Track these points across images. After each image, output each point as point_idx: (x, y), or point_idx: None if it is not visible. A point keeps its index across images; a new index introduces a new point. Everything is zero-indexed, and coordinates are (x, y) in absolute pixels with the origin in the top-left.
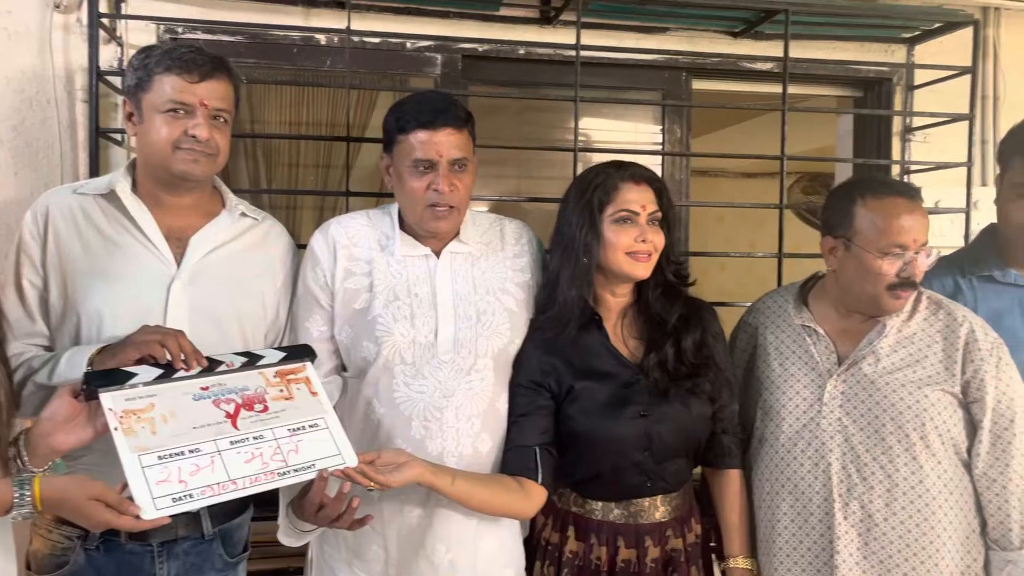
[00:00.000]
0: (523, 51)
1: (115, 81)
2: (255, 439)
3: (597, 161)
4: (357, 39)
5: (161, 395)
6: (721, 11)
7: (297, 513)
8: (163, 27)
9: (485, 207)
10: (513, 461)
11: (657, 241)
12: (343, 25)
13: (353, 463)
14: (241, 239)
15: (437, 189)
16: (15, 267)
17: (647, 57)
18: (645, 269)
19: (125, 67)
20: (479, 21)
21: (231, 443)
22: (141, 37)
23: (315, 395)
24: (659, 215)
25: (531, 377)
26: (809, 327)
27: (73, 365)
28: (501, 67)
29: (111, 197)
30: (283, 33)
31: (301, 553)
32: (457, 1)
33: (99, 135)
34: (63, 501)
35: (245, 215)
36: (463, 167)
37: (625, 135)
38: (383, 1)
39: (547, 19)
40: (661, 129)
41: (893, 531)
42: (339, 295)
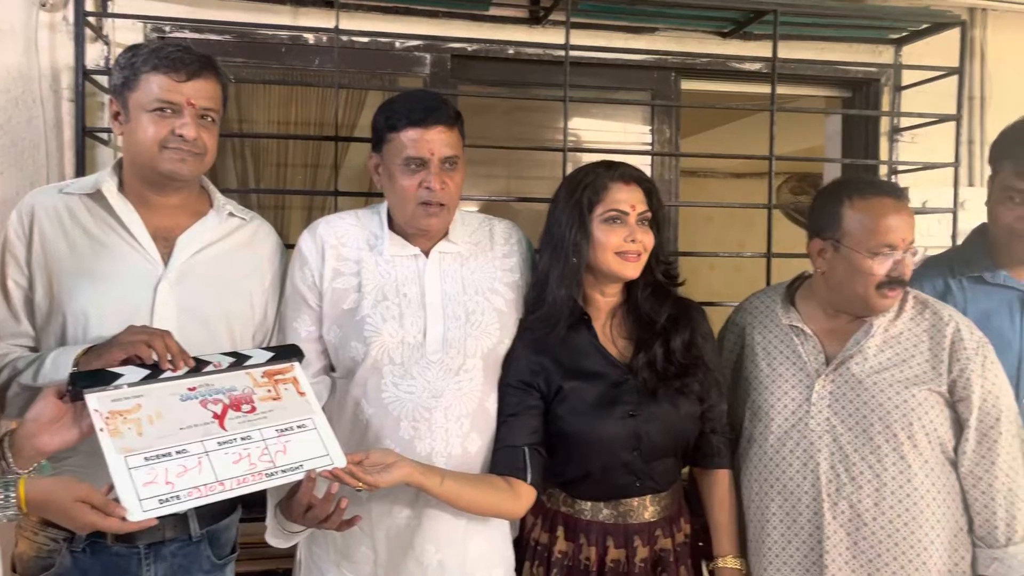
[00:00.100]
0: (512, 51)
1: (102, 80)
2: (243, 440)
3: (587, 161)
4: (346, 38)
5: (148, 396)
6: (710, 11)
7: (285, 514)
8: (150, 26)
9: (475, 207)
10: (502, 461)
11: (646, 241)
12: (332, 24)
13: (341, 464)
14: (229, 239)
15: (429, 187)
16: (0, 267)
17: (636, 57)
18: (634, 269)
19: (112, 66)
20: (468, 21)
21: (218, 444)
22: (128, 36)
23: (303, 395)
24: (648, 215)
25: (520, 377)
26: (797, 327)
27: (58, 366)
28: (490, 67)
29: (97, 197)
30: (271, 32)
31: (290, 554)
32: (446, 1)
33: (85, 134)
34: (48, 503)
35: (233, 215)
36: (454, 165)
37: (614, 135)
38: (372, 0)
39: (536, 19)
40: (650, 129)
41: (882, 530)
42: (327, 295)
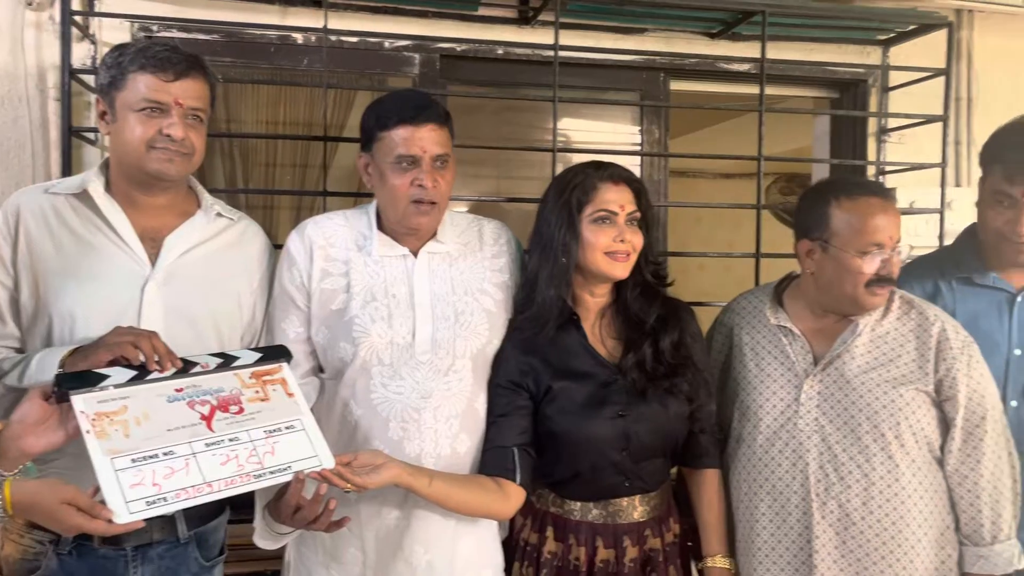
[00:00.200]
0: (501, 51)
1: (88, 79)
2: (231, 441)
3: (576, 161)
4: (335, 38)
5: (134, 397)
6: (698, 12)
7: (273, 515)
8: (137, 25)
9: (464, 207)
10: (491, 461)
11: (635, 241)
12: (320, 24)
13: (330, 465)
14: (217, 239)
15: (422, 184)
16: None
17: (625, 58)
18: (623, 269)
19: (98, 65)
20: (457, 21)
21: (206, 445)
22: (115, 35)
23: (291, 396)
24: (637, 215)
25: (509, 377)
26: (785, 327)
27: (44, 367)
28: (479, 67)
29: (83, 197)
30: (260, 32)
31: (278, 556)
32: (435, 1)
33: (72, 134)
34: (34, 505)
35: (221, 215)
36: (445, 163)
37: (604, 135)
38: (361, 0)
39: (525, 19)
40: (639, 129)
41: (870, 529)
42: (316, 296)
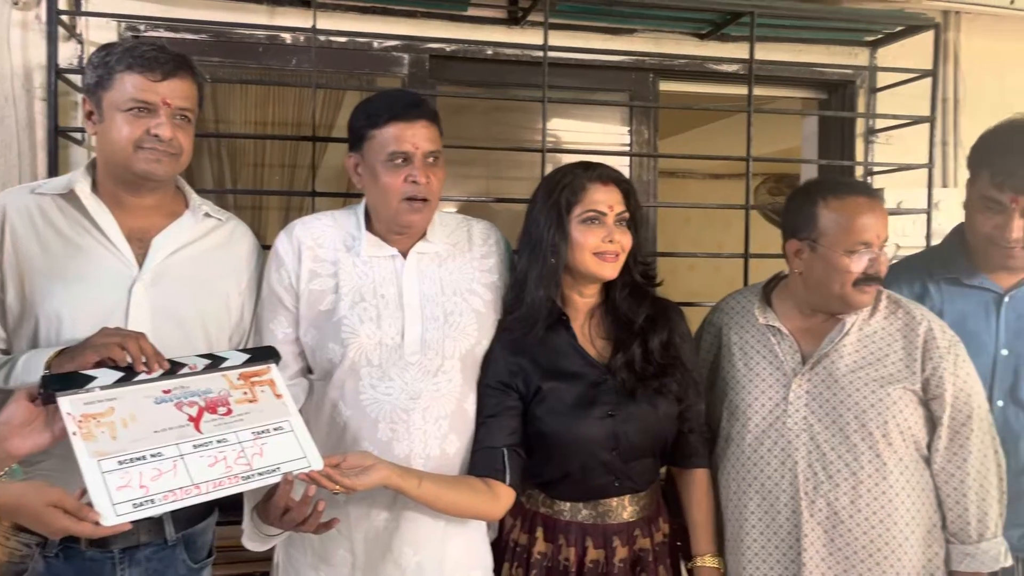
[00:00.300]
0: (491, 51)
1: (75, 79)
2: (219, 442)
3: (565, 162)
4: (323, 38)
5: (121, 399)
6: (687, 13)
7: (262, 517)
8: (124, 24)
9: (453, 208)
10: (481, 462)
11: (624, 241)
12: (309, 24)
13: (318, 466)
14: (205, 240)
15: (415, 180)
16: None
17: (614, 58)
18: (612, 269)
19: (85, 65)
20: (446, 21)
21: (194, 447)
22: (102, 35)
23: (280, 397)
24: (626, 216)
25: (499, 378)
26: (773, 326)
27: (30, 368)
28: (469, 67)
29: (70, 197)
30: (248, 32)
31: (267, 558)
32: (424, 1)
33: (58, 134)
34: (20, 507)
35: (209, 215)
36: (436, 160)
37: (593, 136)
38: (349, 0)
39: (515, 20)
40: (629, 130)
41: (858, 527)
42: (304, 297)
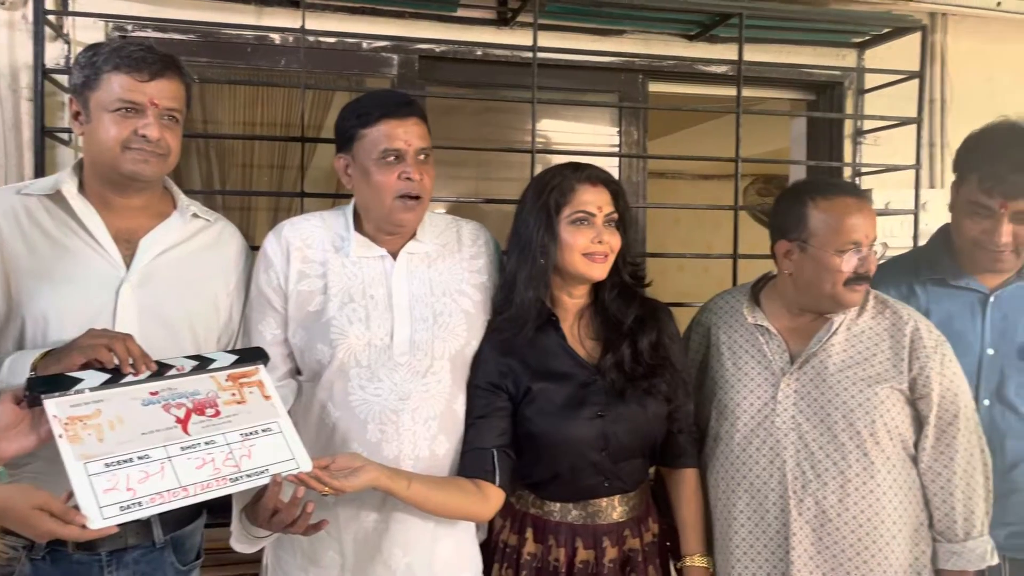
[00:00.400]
0: (480, 52)
1: (61, 79)
2: (207, 444)
3: (555, 163)
4: (312, 39)
5: (108, 401)
6: (676, 14)
7: (251, 519)
8: (112, 24)
9: (443, 208)
10: (470, 463)
11: (613, 242)
12: (297, 24)
13: (307, 468)
14: (193, 241)
15: (409, 177)
16: None
17: (603, 59)
18: (601, 270)
19: (72, 65)
20: (436, 22)
21: (182, 449)
22: (89, 35)
23: (268, 399)
24: (615, 216)
25: (488, 379)
26: (762, 326)
27: (16, 370)
28: (458, 68)
29: (57, 198)
30: (236, 32)
31: (256, 560)
32: (413, 1)
33: (45, 134)
34: (6, 511)
35: (197, 216)
36: (428, 158)
37: (583, 137)
38: (338, 0)
39: (504, 20)
40: (618, 131)
41: (846, 526)
42: (292, 297)
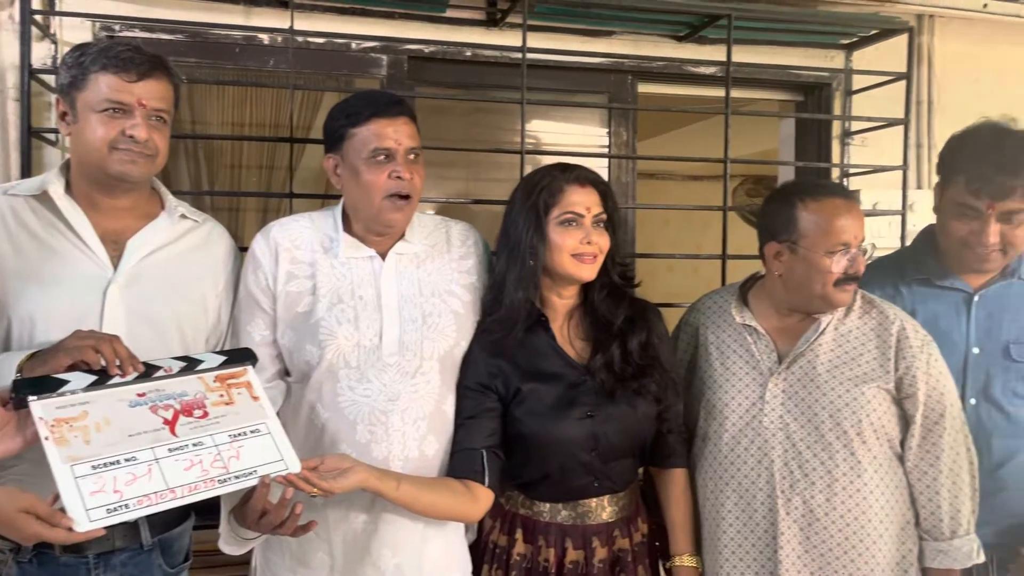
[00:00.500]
0: (469, 53)
1: (48, 79)
2: (194, 446)
3: (544, 163)
4: (301, 39)
5: (95, 402)
6: (665, 16)
7: (239, 520)
8: (99, 24)
9: (432, 209)
10: (460, 464)
11: (602, 243)
12: (286, 25)
13: (296, 469)
14: (181, 242)
15: (399, 176)
16: None
17: (593, 60)
18: (590, 271)
19: (59, 65)
20: (425, 22)
21: (169, 450)
22: (76, 34)
23: (256, 400)
24: (604, 217)
25: (478, 379)
26: (750, 326)
27: (2, 372)
28: (447, 68)
29: (43, 198)
30: (225, 32)
31: (244, 561)
32: (403, 2)
33: (31, 135)
34: None
35: (185, 217)
36: (417, 157)
37: (572, 137)
38: (327, 1)
39: (493, 21)
40: (607, 132)
41: (833, 525)
42: (281, 298)
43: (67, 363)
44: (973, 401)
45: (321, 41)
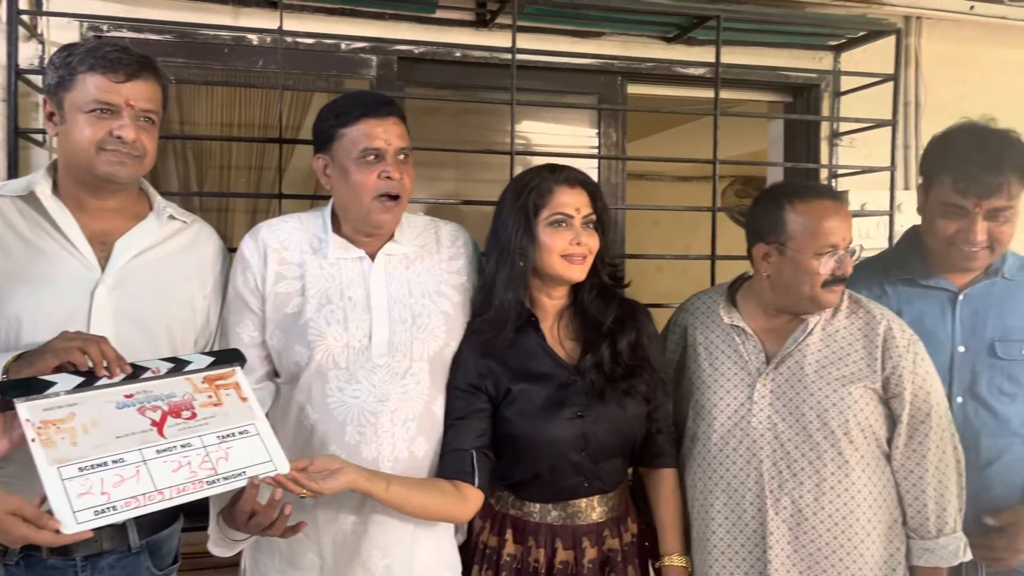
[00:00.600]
0: (459, 54)
1: (36, 80)
2: (183, 447)
3: (534, 164)
4: (290, 39)
5: (82, 404)
6: (655, 17)
7: (228, 522)
8: (87, 25)
9: (421, 210)
10: (449, 465)
11: (592, 244)
12: (275, 25)
13: (285, 470)
14: (169, 242)
15: (389, 176)
16: None
17: (583, 61)
18: (580, 272)
19: (46, 65)
20: (414, 23)
21: (157, 452)
22: (63, 35)
23: (245, 401)
24: (593, 218)
25: (468, 380)
26: (738, 327)
27: None
28: (437, 69)
29: (31, 199)
30: (214, 32)
31: (234, 563)
32: (392, 3)
33: (18, 135)
34: None
35: (173, 218)
36: (407, 158)
37: (562, 138)
38: (316, 1)
39: (483, 22)
40: (597, 133)
41: (822, 524)
42: (270, 299)
43: (54, 364)
44: (960, 400)
45: (310, 42)
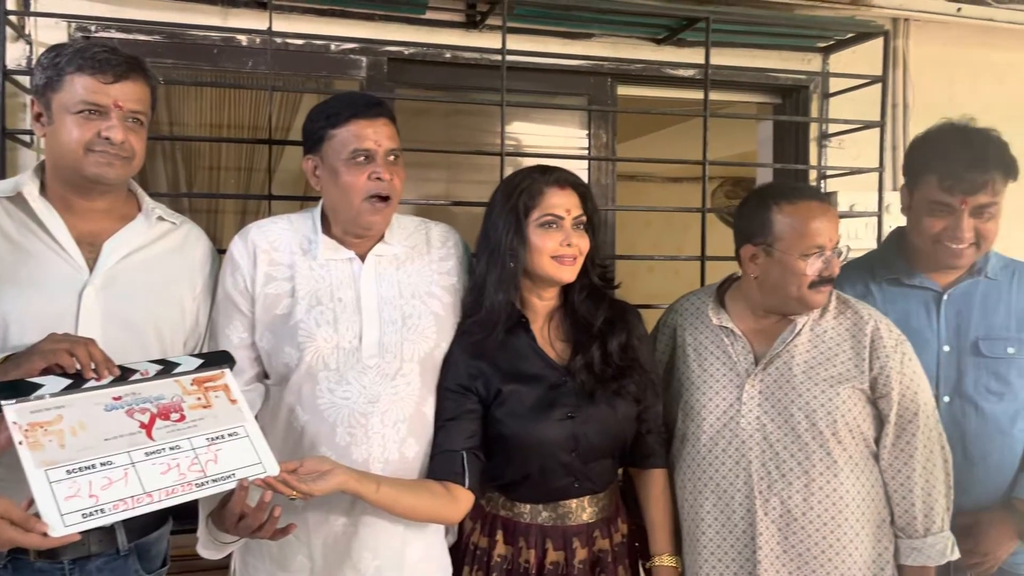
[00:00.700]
0: (449, 55)
1: (23, 80)
2: (171, 449)
3: (525, 165)
4: (280, 40)
5: (70, 406)
6: (644, 18)
7: (217, 524)
8: (75, 25)
9: (412, 211)
10: (440, 466)
11: (582, 245)
12: (265, 26)
13: (274, 472)
14: (158, 244)
15: (379, 177)
16: None
17: (573, 62)
18: (570, 273)
19: (34, 66)
20: (404, 24)
21: (146, 454)
22: (51, 35)
23: (234, 403)
24: (584, 219)
25: (458, 381)
26: (727, 327)
27: None
28: (427, 70)
29: (18, 200)
30: (203, 33)
31: (224, 566)
32: (382, 4)
33: (6, 136)
34: None
35: (162, 219)
36: (397, 159)
37: (552, 139)
38: (306, 2)
39: (473, 23)
40: (587, 134)
41: (811, 524)
42: (260, 301)
43: (41, 366)
44: (947, 399)
45: (300, 43)
